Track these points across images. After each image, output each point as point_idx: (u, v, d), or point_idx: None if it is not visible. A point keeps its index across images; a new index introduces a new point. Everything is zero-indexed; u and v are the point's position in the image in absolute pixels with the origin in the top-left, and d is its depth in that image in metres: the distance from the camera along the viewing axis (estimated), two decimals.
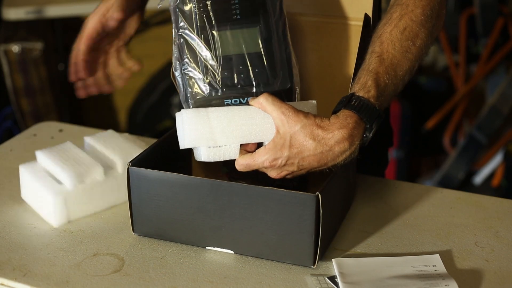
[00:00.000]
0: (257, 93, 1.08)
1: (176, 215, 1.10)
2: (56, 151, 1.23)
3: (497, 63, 3.29)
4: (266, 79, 1.08)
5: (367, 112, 1.05)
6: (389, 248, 1.13)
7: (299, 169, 1.06)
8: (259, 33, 1.09)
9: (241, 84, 1.08)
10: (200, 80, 1.07)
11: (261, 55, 1.09)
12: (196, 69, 1.07)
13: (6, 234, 1.16)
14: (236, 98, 1.08)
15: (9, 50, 2.86)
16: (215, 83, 1.07)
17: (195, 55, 1.07)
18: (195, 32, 1.07)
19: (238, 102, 1.08)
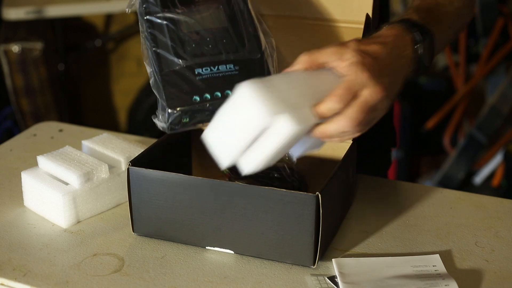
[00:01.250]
0: (226, 61, 1.07)
1: (176, 215, 1.10)
2: (57, 154, 1.23)
3: (497, 63, 3.29)
4: (234, 47, 1.09)
5: (408, 23, 0.99)
6: (389, 248, 1.13)
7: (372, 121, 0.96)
8: (222, 11, 1.11)
9: (210, 53, 1.07)
10: (168, 54, 1.06)
11: (226, 29, 1.10)
12: (163, 46, 1.07)
13: (6, 234, 1.16)
14: (206, 66, 1.07)
15: (9, 50, 2.86)
16: (183, 53, 1.06)
17: (162, 35, 1.07)
18: (160, 15, 1.08)
19: (208, 71, 1.07)
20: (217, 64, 1.07)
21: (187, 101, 1.05)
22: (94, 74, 3.55)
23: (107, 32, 3.46)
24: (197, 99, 1.05)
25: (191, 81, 1.06)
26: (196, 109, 1.04)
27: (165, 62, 1.06)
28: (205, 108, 1.05)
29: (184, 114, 1.04)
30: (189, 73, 1.06)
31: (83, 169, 1.18)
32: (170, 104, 1.04)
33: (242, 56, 1.09)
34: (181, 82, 1.06)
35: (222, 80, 1.07)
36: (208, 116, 1.05)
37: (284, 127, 0.88)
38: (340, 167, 1.12)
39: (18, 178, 1.25)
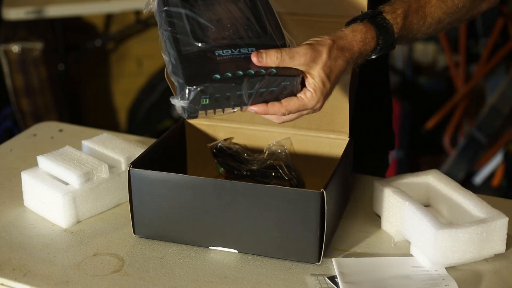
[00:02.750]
0: (248, 44, 1.03)
1: (179, 216, 1.10)
2: (57, 154, 1.23)
3: (497, 63, 3.29)
4: (256, 34, 1.05)
5: (385, 36, 1.07)
6: (389, 248, 1.13)
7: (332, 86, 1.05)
8: (244, 2, 1.08)
9: (232, 37, 1.03)
10: (187, 38, 1.02)
11: (248, 17, 1.06)
12: (182, 32, 1.03)
13: (6, 234, 1.16)
14: (227, 49, 1.02)
15: (9, 50, 2.86)
16: (203, 37, 1.02)
17: (181, 22, 1.03)
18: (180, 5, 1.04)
19: (229, 53, 1.01)
20: (239, 47, 1.02)
21: (206, 78, 0.98)
22: (94, 74, 3.55)
23: (107, 32, 3.46)
24: (217, 77, 0.98)
25: (211, 61, 1.00)
26: (216, 87, 0.97)
27: (183, 44, 1.01)
28: (226, 86, 0.98)
29: (204, 93, 0.97)
30: (209, 54, 1.01)
31: (83, 169, 1.18)
32: (189, 81, 0.97)
33: (264, 41, 1.04)
34: (201, 62, 1.00)
35: (244, 60, 1.00)
36: (228, 100, 0.99)
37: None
38: (340, 163, 1.13)
39: (18, 178, 1.25)
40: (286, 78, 1.00)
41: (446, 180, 1.18)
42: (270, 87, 1.00)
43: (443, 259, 1.05)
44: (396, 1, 1.11)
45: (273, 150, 1.27)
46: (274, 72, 1.00)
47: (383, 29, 1.07)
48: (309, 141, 1.27)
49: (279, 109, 1.01)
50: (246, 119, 1.30)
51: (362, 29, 1.06)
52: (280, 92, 1.01)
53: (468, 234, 1.05)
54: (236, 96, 0.99)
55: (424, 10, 1.11)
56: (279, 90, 1.01)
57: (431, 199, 1.21)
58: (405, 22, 1.09)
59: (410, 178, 1.20)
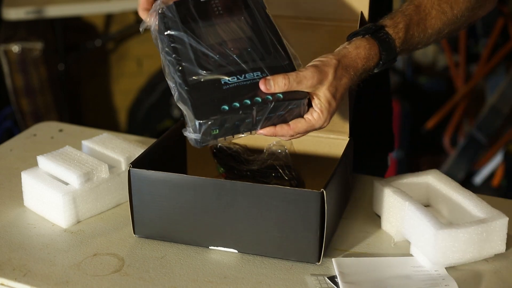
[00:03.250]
0: (253, 68, 1.03)
1: (179, 216, 1.10)
2: (57, 154, 1.23)
3: (497, 63, 3.29)
4: (260, 55, 1.05)
5: (388, 52, 1.08)
6: (389, 248, 1.13)
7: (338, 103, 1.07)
8: (245, 21, 1.08)
9: (235, 62, 1.04)
10: (192, 66, 1.03)
11: (250, 38, 1.07)
12: (186, 59, 1.03)
13: (6, 234, 1.16)
14: (233, 75, 1.02)
15: (9, 50, 2.86)
16: (208, 65, 1.03)
17: (184, 48, 1.04)
18: (181, 30, 1.05)
19: (235, 79, 1.02)
20: (244, 73, 1.03)
21: (215, 111, 0.99)
22: (94, 74, 3.55)
23: (107, 32, 3.46)
24: (226, 108, 0.99)
25: (218, 91, 1.01)
26: (226, 118, 0.99)
27: (189, 74, 1.02)
28: (235, 116, 0.99)
29: (214, 125, 0.99)
30: (215, 83, 1.02)
31: (83, 169, 1.18)
32: (198, 115, 0.99)
33: (269, 63, 1.04)
34: (208, 92, 1.01)
35: (251, 87, 1.01)
36: (237, 127, 1.00)
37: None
38: (340, 163, 1.13)
39: (18, 178, 1.25)
40: (292, 102, 1.01)
41: (446, 180, 1.18)
42: (278, 111, 1.01)
43: (443, 259, 1.05)
44: (397, 14, 1.11)
45: (273, 150, 1.27)
46: (281, 97, 1.01)
47: (385, 45, 1.08)
48: (309, 141, 1.27)
49: (288, 132, 1.03)
50: None
51: (366, 45, 1.07)
52: (288, 114, 1.02)
53: (468, 234, 1.05)
54: (245, 123, 1.00)
55: (425, 22, 1.12)
56: (286, 113, 1.02)
57: (431, 199, 1.21)
58: (406, 36, 1.10)
59: (410, 178, 1.20)
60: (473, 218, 1.09)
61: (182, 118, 1.33)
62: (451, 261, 1.06)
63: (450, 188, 1.16)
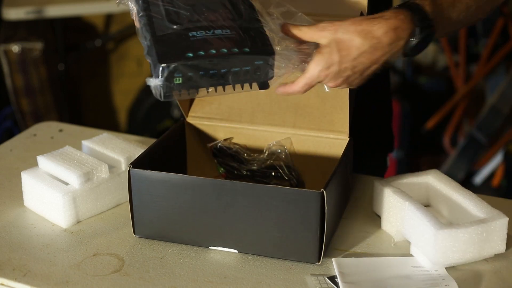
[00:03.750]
0: (222, 26, 1.02)
1: (179, 216, 1.10)
2: (57, 154, 1.23)
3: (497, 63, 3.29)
4: (232, 16, 1.04)
5: (419, 13, 1.04)
6: (389, 248, 1.13)
7: (354, 73, 1.03)
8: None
9: (206, 19, 1.03)
10: (162, 22, 1.01)
11: (223, 3, 1.05)
12: (159, 15, 1.02)
13: (6, 234, 1.16)
14: (202, 30, 1.01)
15: (9, 50, 2.86)
16: (178, 19, 1.02)
17: (157, 7, 1.03)
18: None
19: (203, 33, 1.01)
20: (213, 29, 1.02)
21: (179, 56, 0.98)
22: (94, 74, 3.54)
23: (107, 32, 3.46)
24: (190, 55, 0.98)
25: (185, 41, 0.99)
26: (189, 65, 0.97)
27: (158, 28, 1.01)
28: (198, 63, 0.98)
29: (177, 71, 0.97)
30: (183, 35, 1.00)
31: (83, 169, 1.18)
32: (162, 59, 0.97)
33: (239, 24, 1.03)
34: (175, 42, 0.99)
35: (218, 40, 1.00)
36: (202, 78, 0.98)
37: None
38: (340, 163, 1.13)
39: (18, 178, 1.25)
40: (259, 57, 1.00)
41: (446, 180, 1.18)
42: (244, 66, 1.00)
43: (443, 259, 1.05)
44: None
45: (273, 150, 1.27)
46: (247, 51, 1.00)
47: (415, 8, 1.04)
48: (309, 141, 1.27)
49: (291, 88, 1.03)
50: (246, 119, 1.30)
51: (392, 14, 1.03)
52: (255, 71, 1.00)
53: (468, 234, 1.05)
54: (209, 75, 0.99)
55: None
56: (253, 69, 1.00)
57: (431, 199, 1.21)
58: (435, 2, 1.06)
59: (410, 178, 1.20)
60: (473, 218, 1.09)
61: (182, 118, 1.33)
62: (451, 261, 1.06)
63: (450, 188, 1.16)
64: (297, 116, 1.26)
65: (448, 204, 1.16)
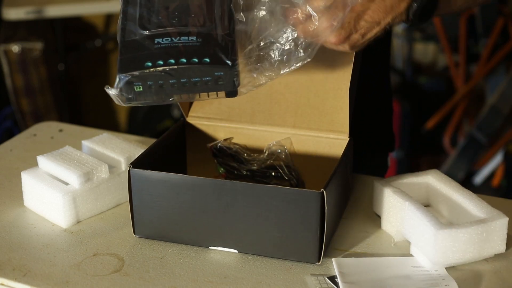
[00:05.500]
0: (189, 33, 1.02)
1: (179, 216, 1.10)
2: (57, 154, 1.23)
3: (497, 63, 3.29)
4: (202, 22, 1.03)
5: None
6: (389, 248, 1.13)
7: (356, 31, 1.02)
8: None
9: (175, 25, 1.03)
10: (134, 26, 1.03)
11: (199, 5, 1.05)
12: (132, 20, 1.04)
13: (6, 234, 1.16)
14: (167, 37, 1.01)
15: (9, 50, 2.86)
16: (148, 25, 1.02)
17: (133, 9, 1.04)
18: None
19: (169, 41, 1.01)
20: (179, 36, 1.01)
21: (138, 66, 0.99)
22: (94, 74, 3.55)
23: (107, 32, 3.46)
24: (149, 65, 0.98)
25: (148, 49, 1.00)
26: (148, 75, 0.98)
27: (129, 33, 1.03)
28: (156, 73, 0.98)
29: (136, 80, 0.98)
30: (148, 42, 1.01)
31: (83, 169, 1.18)
32: (121, 68, 0.99)
33: (208, 30, 1.02)
34: (138, 50, 1.00)
35: (181, 49, 1.00)
36: (162, 87, 0.99)
37: None
38: (340, 163, 1.13)
39: (18, 178, 1.25)
40: (219, 67, 0.99)
41: (446, 180, 1.18)
42: (204, 76, 0.99)
43: (443, 259, 1.05)
44: None
45: (273, 150, 1.27)
46: (207, 61, 0.99)
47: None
48: (309, 141, 1.27)
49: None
50: (246, 119, 1.30)
51: None
52: (216, 82, 1.00)
53: (468, 234, 1.05)
54: (169, 84, 0.99)
55: None
56: (214, 80, 1.00)
57: (431, 199, 1.21)
58: None
59: (410, 178, 1.20)
60: (473, 218, 1.09)
61: (182, 118, 1.33)
62: (451, 261, 1.06)
63: (450, 188, 1.16)
64: (297, 116, 1.26)
65: (448, 204, 1.16)
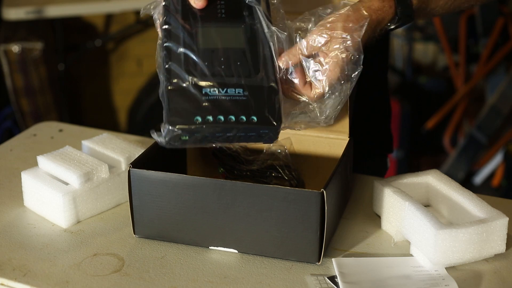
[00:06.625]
0: (236, 84, 1.04)
1: (179, 216, 1.10)
2: (57, 154, 1.23)
3: (497, 63, 3.29)
4: (247, 72, 1.05)
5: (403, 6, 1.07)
6: (389, 248, 1.13)
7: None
8: (243, 32, 1.08)
9: (221, 74, 1.04)
10: (179, 69, 1.04)
11: (243, 51, 1.06)
12: (176, 60, 1.04)
13: (6, 234, 1.16)
14: (215, 87, 1.03)
15: (9, 50, 2.86)
16: (194, 71, 1.04)
17: (176, 47, 1.05)
18: (179, 27, 1.06)
19: (216, 92, 1.02)
20: (226, 87, 1.03)
21: (188, 120, 1.01)
22: (94, 74, 3.55)
23: (107, 32, 3.46)
24: (198, 120, 1.00)
25: (196, 100, 1.02)
26: (196, 129, 1.01)
27: (175, 76, 1.03)
28: (205, 130, 1.01)
29: (183, 133, 1.01)
30: (196, 92, 1.02)
31: (83, 169, 1.18)
32: (171, 121, 1.01)
33: (253, 82, 1.04)
34: (187, 100, 1.02)
35: (229, 103, 1.02)
36: (207, 139, 1.02)
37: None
38: (340, 163, 1.13)
39: (18, 178, 1.25)
40: (265, 127, 1.02)
41: (446, 180, 1.18)
42: (249, 132, 1.02)
43: (443, 259, 1.05)
44: None
45: (273, 150, 1.27)
46: (254, 120, 1.02)
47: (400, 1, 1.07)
48: (309, 141, 1.27)
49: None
50: None
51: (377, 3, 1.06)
52: (259, 136, 1.03)
53: (468, 234, 1.05)
54: (215, 137, 1.02)
55: None
56: (257, 135, 1.03)
57: (431, 199, 1.21)
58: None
59: (410, 178, 1.20)
60: (473, 218, 1.09)
61: None
62: (451, 261, 1.06)
63: (450, 188, 1.16)
64: None
65: (448, 204, 1.16)
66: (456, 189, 1.15)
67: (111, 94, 3.60)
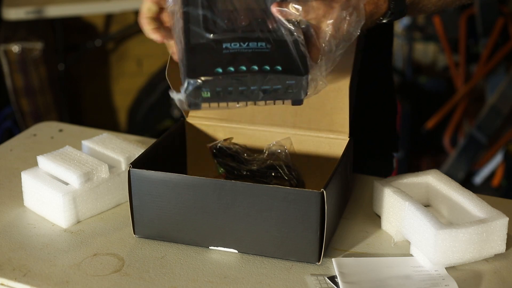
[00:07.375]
0: (258, 38, 1.00)
1: (179, 216, 1.10)
2: (57, 154, 1.23)
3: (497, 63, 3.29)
4: (269, 27, 1.01)
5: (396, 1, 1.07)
6: (389, 248, 1.13)
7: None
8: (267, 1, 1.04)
9: (242, 30, 1.00)
10: (199, 29, 1.00)
11: (264, 10, 1.03)
12: (195, 22, 1.01)
13: (6, 234, 1.16)
14: (236, 42, 0.99)
15: (9, 50, 2.86)
16: (214, 28, 1.00)
17: (195, 11, 1.01)
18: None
19: (237, 46, 0.99)
20: (248, 41, 0.98)
21: (208, 71, 0.96)
22: (94, 74, 3.55)
23: (107, 32, 3.46)
24: (219, 71, 0.96)
25: (216, 54, 0.98)
26: (218, 81, 0.96)
27: (193, 35, 0.99)
28: (227, 81, 0.96)
29: (204, 86, 0.95)
30: (216, 47, 0.98)
31: (83, 169, 1.18)
32: (190, 73, 0.96)
33: (277, 36, 1.00)
34: (206, 54, 0.98)
35: (251, 55, 0.98)
36: (230, 94, 0.97)
37: None
38: (340, 163, 1.13)
39: (18, 178, 1.25)
40: (291, 76, 0.98)
41: (446, 180, 1.18)
42: (275, 85, 0.98)
43: (443, 259, 1.05)
44: None
45: (273, 150, 1.27)
46: (279, 69, 0.97)
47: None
48: (309, 141, 1.27)
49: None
50: (246, 119, 1.30)
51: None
52: (285, 90, 0.98)
53: (468, 234, 1.05)
54: (238, 91, 0.97)
55: None
56: (283, 88, 0.98)
57: (431, 199, 1.21)
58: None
59: (410, 178, 1.20)
60: (473, 218, 1.09)
61: (182, 118, 1.33)
62: (451, 261, 1.06)
63: (450, 188, 1.16)
64: (297, 116, 1.26)
65: (448, 204, 1.16)
66: (456, 189, 1.15)
67: (111, 94, 3.60)
